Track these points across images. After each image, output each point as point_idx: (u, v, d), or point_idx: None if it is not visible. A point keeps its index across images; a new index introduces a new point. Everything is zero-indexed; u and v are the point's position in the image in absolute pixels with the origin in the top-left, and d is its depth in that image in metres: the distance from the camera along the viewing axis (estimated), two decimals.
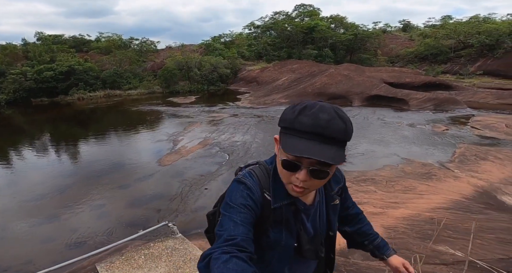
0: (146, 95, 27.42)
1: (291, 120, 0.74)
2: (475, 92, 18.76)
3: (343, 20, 43.71)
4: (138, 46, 39.20)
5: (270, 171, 0.87)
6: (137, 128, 14.59)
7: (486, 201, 4.79)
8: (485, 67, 32.43)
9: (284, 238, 0.87)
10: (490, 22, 40.42)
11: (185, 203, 6.62)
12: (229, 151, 9.73)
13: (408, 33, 53.47)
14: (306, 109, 0.73)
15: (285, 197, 0.85)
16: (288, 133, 0.75)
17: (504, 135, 9.22)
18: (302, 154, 0.70)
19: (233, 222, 0.75)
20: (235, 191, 0.82)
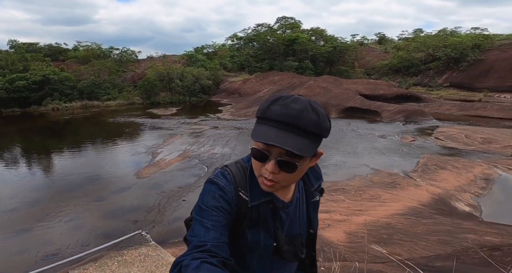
0: (125, 106, 26.92)
1: (263, 109, 0.74)
2: (441, 104, 20.12)
3: (323, 32, 45.40)
4: (118, 56, 38.67)
5: (247, 169, 0.84)
6: (115, 140, 14.34)
7: (440, 207, 5.24)
8: (451, 79, 34.73)
9: (263, 238, 0.85)
10: (456, 35, 43.19)
11: (163, 214, 6.71)
12: (208, 163, 9.85)
13: (383, 46, 56.25)
14: (279, 100, 0.73)
15: (263, 195, 0.82)
16: (260, 122, 0.74)
17: (463, 145, 10.03)
18: (266, 140, 0.69)
19: (204, 227, 0.73)
20: (207, 192, 0.79)
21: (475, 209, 5.44)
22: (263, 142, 0.70)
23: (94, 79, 29.29)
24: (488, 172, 7.10)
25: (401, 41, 58.22)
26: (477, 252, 2.03)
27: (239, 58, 37.80)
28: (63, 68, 30.92)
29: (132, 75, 33.93)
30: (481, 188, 6.24)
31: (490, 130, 11.88)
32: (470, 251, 2.12)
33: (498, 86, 29.66)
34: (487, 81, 30.93)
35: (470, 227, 3.50)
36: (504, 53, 32.51)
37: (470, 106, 18.49)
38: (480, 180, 6.63)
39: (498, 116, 16.49)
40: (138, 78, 31.56)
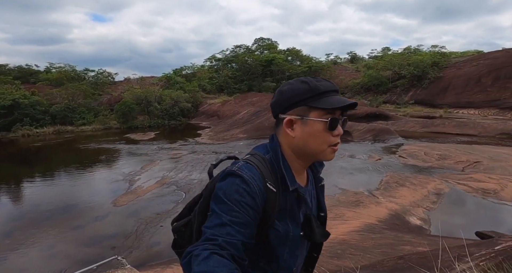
0: (101, 131, 26.36)
1: (315, 88, 0.80)
2: (407, 121, 21.70)
3: (299, 52, 47.62)
4: (93, 78, 37.92)
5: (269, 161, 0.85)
6: (91, 167, 14.08)
7: (394, 222, 5.82)
8: (416, 97, 37.35)
9: (292, 228, 0.85)
10: (418, 53, 46.12)
11: (140, 240, 6.85)
12: (186, 189, 10.01)
13: (355, 65, 59.70)
14: (312, 79, 0.83)
15: (293, 182, 0.84)
16: (320, 98, 0.80)
17: (422, 162, 11.00)
18: (347, 102, 0.80)
19: (220, 220, 0.72)
20: (230, 185, 0.76)
21: (425, 222, 6.08)
22: (343, 104, 0.79)
23: (67, 103, 28.50)
24: (439, 187, 7.91)
25: (371, 59, 62.38)
26: (388, 261, 2.52)
27: (218, 80, 38.60)
28: (34, 92, 29.84)
29: (108, 98, 33.44)
30: (432, 202, 6.96)
31: (445, 147, 13.08)
32: (385, 260, 2.59)
33: (456, 102, 32.45)
34: (446, 97, 33.75)
35: (408, 239, 4.04)
36: (459, 70, 35.68)
37: (431, 123, 20.13)
38: (432, 195, 7.39)
39: (455, 132, 18.11)
40: (115, 101, 31.10)
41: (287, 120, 0.84)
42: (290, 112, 0.84)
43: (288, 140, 0.85)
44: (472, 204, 6.95)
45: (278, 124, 0.88)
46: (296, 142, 0.84)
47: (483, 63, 33.85)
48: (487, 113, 28.75)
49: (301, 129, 0.83)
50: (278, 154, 0.86)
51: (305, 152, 0.85)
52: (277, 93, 0.88)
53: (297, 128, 0.83)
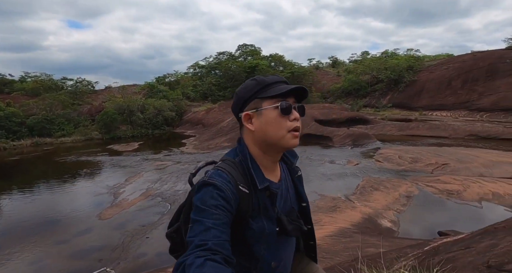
0: (82, 143, 25.66)
1: (262, 81, 0.88)
2: (384, 125, 22.71)
3: (282, 58, 48.27)
4: (72, 87, 36.70)
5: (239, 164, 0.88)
6: (73, 181, 13.82)
7: (367, 225, 6.27)
8: (393, 100, 38.96)
9: (266, 225, 0.88)
10: (395, 57, 47.80)
11: (127, 252, 6.98)
12: (171, 201, 10.13)
13: (336, 69, 61.26)
14: (260, 76, 0.92)
15: (261, 181, 0.87)
16: (267, 89, 0.87)
17: (396, 166, 11.70)
18: (291, 87, 0.86)
19: (203, 226, 0.74)
20: (204, 193, 0.80)
21: (395, 224, 6.58)
22: (289, 90, 0.85)
23: (45, 114, 27.46)
24: (410, 190, 8.52)
25: (351, 63, 64.33)
26: (344, 263, 2.90)
27: (201, 87, 38.56)
28: (9, 103, 28.60)
29: (89, 108, 32.61)
30: (402, 204, 7.52)
31: (418, 149, 13.91)
32: (342, 262, 2.96)
33: (430, 104, 34.22)
34: (421, 100, 35.51)
35: (373, 242, 4.45)
36: (431, 74, 37.54)
37: (406, 127, 21.20)
38: (403, 198, 7.96)
39: (428, 134, 19.20)
40: (96, 111, 30.40)
41: (244, 115, 0.89)
42: (246, 108, 0.89)
43: (251, 136, 0.90)
44: (437, 205, 7.55)
45: (241, 125, 0.93)
46: (257, 135, 0.88)
47: (452, 66, 35.93)
48: (458, 114, 30.56)
49: (258, 121, 0.88)
50: (246, 155, 0.89)
51: (268, 142, 0.88)
52: (234, 95, 0.95)
53: (255, 121, 0.88)
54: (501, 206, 6.85)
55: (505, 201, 7.05)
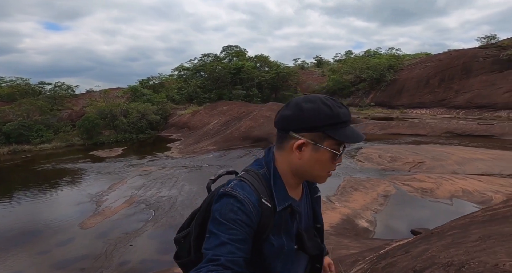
0: (63, 149, 24.87)
1: (337, 116, 0.80)
2: (367, 124, 23.33)
3: (267, 59, 48.28)
4: (50, 92, 35.49)
5: (264, 176, 0.86)
6: (54, 190, 13.41)
7: (345, 226, 6.50)
8: (376, 99, 40.02)
9: (286, 242, 0.87)
10: (377, 57, 49.20)
11: (110, 260, 6.98)
12: (155, 207, 10.06)
13: (321, 69, 62.14)
14: (335, 102, 0.83)
15: (285, 199, 0.86)
16: (338, 128, 0.80)
17: (376, 165, 12.10)
18: (362, 138, 0.83)
19: (219, 240, 0.73)
20: (225, 205, 0.78)
21: (371, 224, 6.85)
22: (359, 141, 0.82)
23: (22, 120, 26.44)
24: (388, 189, 8.85)
25: (336, 62, 65.43)
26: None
27: (187, 90, 38.11)
28: None
29: (69, 113, 31.54)
30: (380, 204, 7.82)
31: (397, 148, 14.42)
32: None
33: (410, 103, 35.40)
34: (402, 99, 36.67)
35: (346, 244, 4.62)
36: (411, 72, 38.80)
37: (388, 125, 21.87)
38: (381, 197, 8.27)
39: (408, 133, 19.89)
40: (77, 116, 29.53)
41: (299, 143, 0.82)
42: (304, 134, 0.82)
43: (290, 159, 0.85)
44: (412, 203, 7.89)
45: (284, 140, 0.86)
46: (301, 165, 0.84)
47: (430, 65, 37.28)
48: (436, 112, 31.78)
49: (309, 154, 0.82)
50: (271, 170, 0.86)
51: (306, 175, 0.86)
52: (295, 107, 0.84)
53: (306, 152, 0.83)
54: (469, 203, 7.26)
55: (474, 198, 7.47)
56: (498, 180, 8.44)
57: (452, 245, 1.77)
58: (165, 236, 8.06)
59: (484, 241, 1.59)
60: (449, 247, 1.75)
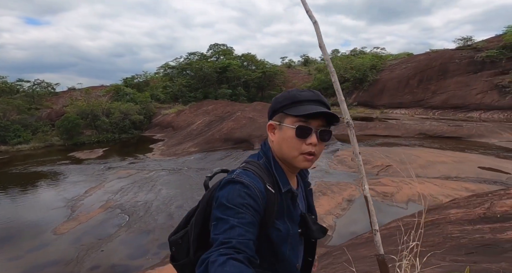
0: (42, 150, 24.32)
1: (293, 96, 0.87)
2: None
3: (254, 57, 48.19)
4: (29, 90, 34.35)
5: (264, 165, 0.90)
6: (28, 194, 13.20)
7: None
8: (359, 99, 40.91)
9: (290, 226, 0.89)
10: (361, 56, 49.72)
11: (81, 265, 7.21)
12: (130, 212, 10.19)
13: (307, 68, 62.77)
14: (298, 90, 0.90)
15: (287, 183, 0.90)
16: (295, 106, 0.86)
17: (347, 168, 12.64)
18: (316, 110, 0.84)
19: (228, 224, 0.74)
20: (231, 191, 0.79)
21: (331, 229, 7.28)
22: (312, 113, 0.83)
23: None
24: (353, 194, 9.35)
25: (323, 61, 66.02)
26: None
27: (172, 89, 37.75)
28: None
29: (48, 112, 30.71)
30: (342, 209, 8.29)
31: (370, 150, 15.03)
32: None
33: (390, 103, 36.46)
34: (383, 99, 37.70)
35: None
36: (392, 72, 39.81)
37: (365, 126, 22.58)
38: (345, 202, 8.75)
39: (384, 134, 20.64)
40: (56, 116, 28.83)
41: (268, 125, 0.94)
42: (274, 117, 0.93)
43: (272, 144, 0.94)
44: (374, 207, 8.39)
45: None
46: (274, 146, 0.92)
47: (410, 65, 38.41)
48: (414, 112, 32.94)
49: (278, 134, 0.91)
50: (270, 158, 0.92)
51: (281, 156, 0.91)
52: (272, 101, 0.97)
53: (276, 133, 0.92)
54: (422, 207, 7.82)
55: (427, 202, 8.05)
56: (451, 184, 9.09)
57: (327, 265, 2.10)
58: (137, 242, 8.28)
59: (350, 263, 1.92)
60: (325, 267, 2.07)
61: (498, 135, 17.37)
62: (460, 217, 3.03)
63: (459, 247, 2.31)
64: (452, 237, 2.55)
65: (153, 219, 9.40)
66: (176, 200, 10.92)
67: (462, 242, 2.40)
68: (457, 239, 2.49)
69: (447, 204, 3.98)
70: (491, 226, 2.57)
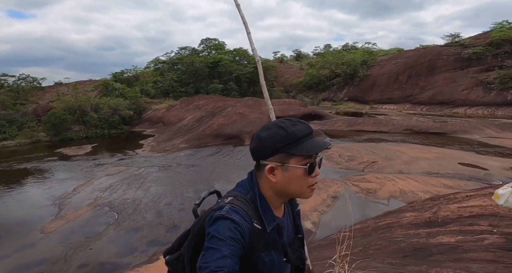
0: (28, 146, 23.80)
1: (293, 135, 0.87)
2: (336, 121, 24.31)
3: (246, 52, 47.94)
4: (14, 84, 33.45)
5: (251, 200, 0.92)
6: (14, 192, 12.97)
7: None
8: (349, 94, 41.34)
9: (276, 257, 0.94)
10: (352, 52, 50.37)
11: (69, 264, 7.25)
12: (119, 210, 10.21)
13: (300, 62, 62.82)
14: (289, 122, 0.90)
15: (273, 220, 0.92)
16: (297, 144, 0.86)
17: (335, 165, 12.91)
18: (324, 146, 0.88)
19: (220, 253, 0.77)
20: (222, 225, 0.83)
21: (315, 226, 7.54)
22: (320, 150, 0.87)
23: None
24: (338, 190, 9.62)
25: (315, 56, 66.24)
26: None
27: (162, 84, 37.24)
28: None
29: (34, 107, 30.00)
30: (327, 206, 8.54)
31: (357, 147, 15.35)
32: None
33: (380, 98, 37.01)
34: (373, 94, 38.24)
35: None
36: (382, 68, 40.27)
37: (354, 122, 22.94)
38: (330, 199, 9.00)
39: (372, 130, 21.04)
40: (43, 111, 28.18)
41: (269, 168, 0.89)
42: (270, 159, 0.89)
43: (269, 183, 0.92)
44: (355, 204, 8.66)
45: (259, 168, 0.94)
46: (278, 186, 0.91)
47: (400, 61, 38.95)
48: (403, 108, 33.57)
49: (282, 175, 0.89)
50: (256, 195, 0.93)
51: (287, 194, 0.93)
52: (256, 138, 0.93)
53: (278, 174, 0.89)
54: (402, 203, 8.13)
55: (407, 198, 8.38)
56: (431, 181, 9.45)
57: None
58: (125, 239, 8.35)
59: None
60: None
61: (481, 131, 17.96)
62: (410, 221, 3.23)
63: (398, 251, 2.49)
64: (396, 241, 2.74)
65: (141, 217, 9.47)
66: (165, 197, 11.00)
67: (401, 246, 2.59)
68: (399, 243, 2.68)
69: (404, 208, 4.21)
70: (429, 231, 2.77)
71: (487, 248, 2.28)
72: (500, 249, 2.23)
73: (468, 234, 2.60)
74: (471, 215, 3.02)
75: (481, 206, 3.18)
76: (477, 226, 2.73)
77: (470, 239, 2.48)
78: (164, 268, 1.09)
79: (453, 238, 2.56)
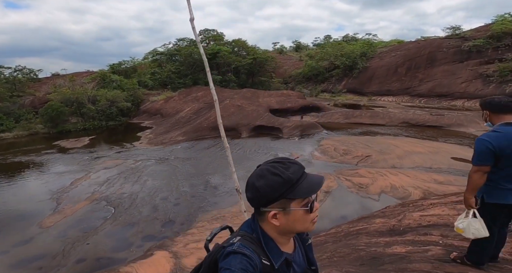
0: (26, 138, 23.84)
1: (289, 180, 0.89)
2: (333, 113, 24.28)
3: (245, 43, 47.04)
4: (11, 76, 33.06)
5: (257, 239, 0.96)
6: (12, 187, 13.07)
7: None
8: (348, 85, 41.13)
9: None
10: (351, 43, 49.66)
11: (67, 258, 7.46)
12: (116, 204, 10.37)
13: (299, 54, 62.09)
14: (281, 168, 0.91)
15: (279, 256, 0.96)
16: (294, 188, 0.90)
17: (329, 159, 13.02)
18: (320, 185, 0.95)
19: None
20: (234, 259, 0.86)
21: None
22: (318, 190, 0.94)
23: None
24: (331, 185, 9.76)
25: (315, 47, 65.42)
26: None
27: (160, 75, 36.85)
28: None
29: (31, 99, 29.83)
30: (319, 201, 8.68)
31: (353, 140, 15.42)
32: None
33: (379, 90, 36.86)
34: (371, 86, 38.04)
35: None
36: (381, 60, 39.86)
37: (351, 115, 22.93)
38: (322, 193, 9.13)
39: (369, 122, 21.07)
40: (40, 103, 28.11)
41: (271, 215, 0.93)
42: (271, 206, 0.92)
43: (273, 226, 0.95)
44: (347, 199, 8.82)
45: (260, 214, 0.97)
46: (283, 227, 0.95)
47: (399, 53, 38.51)
48: (401, 100, 33.47)
49: (285, 218, 0.93)
50: (260, 236, 0.97)
51: (291, 232, 0.98)
52: (252, 189, 0.94)
53: (281, 218, 0.93)
54: (393, 198, 8.30)
55: (398, 193, 8.52)
56: (422, 176, 9.58)
57: None
58: (122, 234, 8.53)
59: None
60: None
61: (476, 125, 18.02)
62: (377, 228, 3.33)
63: (358, 259, 2.60)
64: (357, 249, 2.85)
65: (138, 212, 9.63)
66: (161, 191, 11.15)
67: (361, 254, 2.69)
68: (360, 251, 2.78)
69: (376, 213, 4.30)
70: (388, 240, 2.86)
71: (429, 259, 2.38)
72: (438, 261, 2.34)
73: (418, 245, 2.70)
74: (428, 224, 3.12)
75: (439, 215, 3.28)
76: (429, 236, 2.83)
77: (418, 250, 2.58)
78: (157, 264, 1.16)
79: (405, 248, 2.66)
